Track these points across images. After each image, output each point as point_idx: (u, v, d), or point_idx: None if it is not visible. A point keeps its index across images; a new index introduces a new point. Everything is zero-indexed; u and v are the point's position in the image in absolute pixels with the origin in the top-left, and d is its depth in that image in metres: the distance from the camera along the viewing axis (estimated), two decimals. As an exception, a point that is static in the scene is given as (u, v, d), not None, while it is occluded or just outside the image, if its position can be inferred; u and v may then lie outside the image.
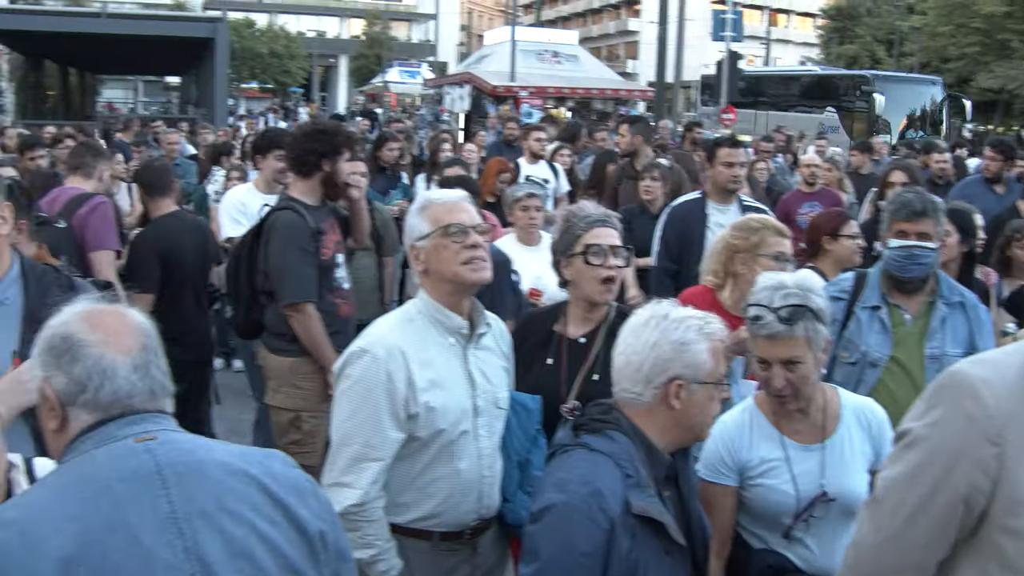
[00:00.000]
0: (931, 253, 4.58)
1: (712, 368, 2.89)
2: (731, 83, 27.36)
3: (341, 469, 3.42)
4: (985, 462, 2.35)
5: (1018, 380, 2.41)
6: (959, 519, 2.40)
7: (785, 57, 77.81)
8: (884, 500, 2.52)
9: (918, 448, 2.46)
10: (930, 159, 11.39)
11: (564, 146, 12.02)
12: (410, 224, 3.62)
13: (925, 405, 2.50)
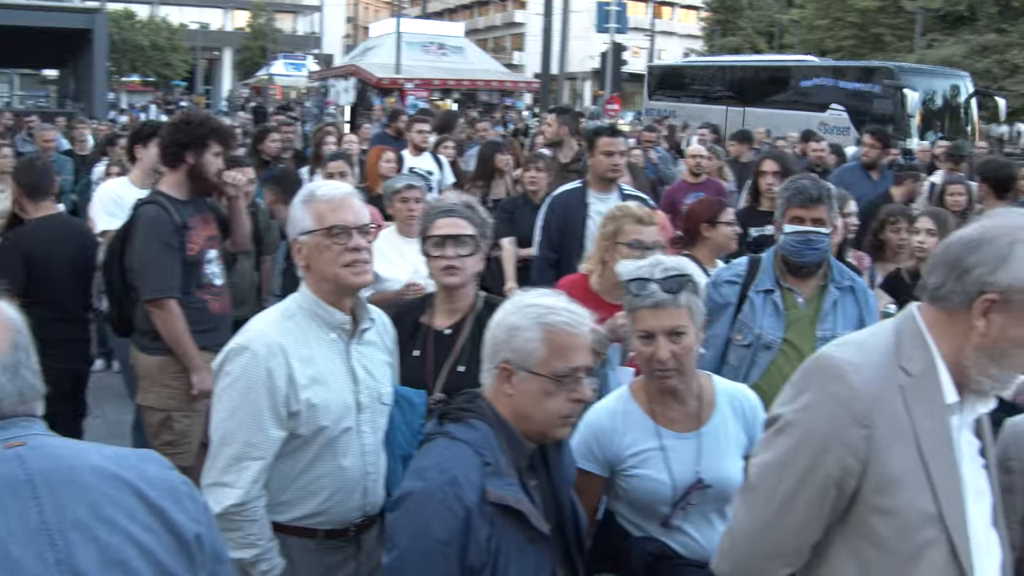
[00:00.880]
0: (825, 238, 4.67)
1: (544, 359, 2.83)
2: (615, 74, 27.58)
3: (221, 468, 3.36)
4: (855, 444, 2.39)
5: (884, 361, 2.46)
6: (832, 501, 2.44)
7: (669, 49, 78.88)
8: (758, 486, 2.54)
9: (789, 433, 2.48)
10: (808, 147, 11.64)
11: (448, 138, 11.98)
12: (294, 216, 3.55)
13: (794, 390, 2.54)
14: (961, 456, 2.47)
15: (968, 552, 2.40)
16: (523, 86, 48.30)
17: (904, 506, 2.38)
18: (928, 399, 2.43)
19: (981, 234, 2.44)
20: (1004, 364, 2.40)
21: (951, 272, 2.45)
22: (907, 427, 2.40)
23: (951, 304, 2.44)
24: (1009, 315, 2.37)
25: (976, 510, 2.49)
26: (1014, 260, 2.36)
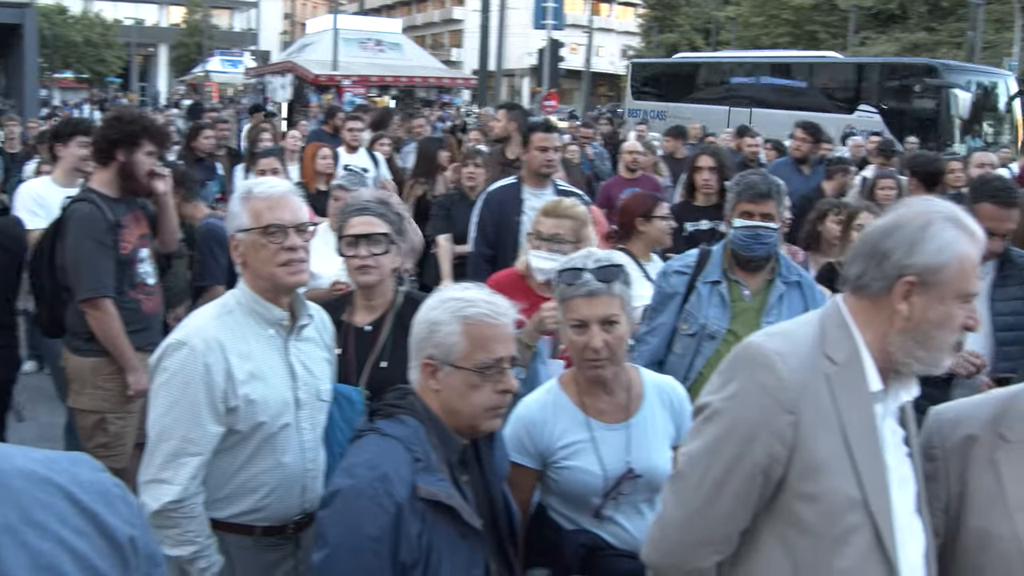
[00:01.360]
0: (773, 233, 4.75)
1: (466, 352, 2.85)
2: (552, 71, 27.62)
3: (159, 465, 3.33)
4: (781, 432, 2.43)
5: (811, 350, 2.50)
6: (759, 488, 2.48)
7: (607, 46, 79.19)
8: (687, 475, 2.57)
9: (717, 421, 2.52)
10: (743, 142, 11.76)
11: (384, 135, 11.95)
12: (232, 212, 3.54)
13: (722, 379, 2.57)
14: (885, 443, 2.52)
15: (892, 537, 2.45)
16: (461, 83, 48.20)
17: (829, 492, 2.42)
18: (853, 387, 2.48)
19: (895, 220, 2.51)
20: (929, 345, 2.46)
21: (870, 260, 2.51)
22: (832, 415, 2.45)
23: (873, 291, 2.50)
24: (929, 296, 2.44)
25: (900, 497, 2.53)
26: (928, 240, 2.43)
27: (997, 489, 2.65)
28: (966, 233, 2.48)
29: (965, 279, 2.45)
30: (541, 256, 4.78)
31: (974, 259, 2.47)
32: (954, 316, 2.46)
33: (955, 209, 2.52)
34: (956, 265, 2.43)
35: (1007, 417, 2.73)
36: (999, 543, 2.62)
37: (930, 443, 2.82)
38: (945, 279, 2.43)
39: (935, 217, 2.47)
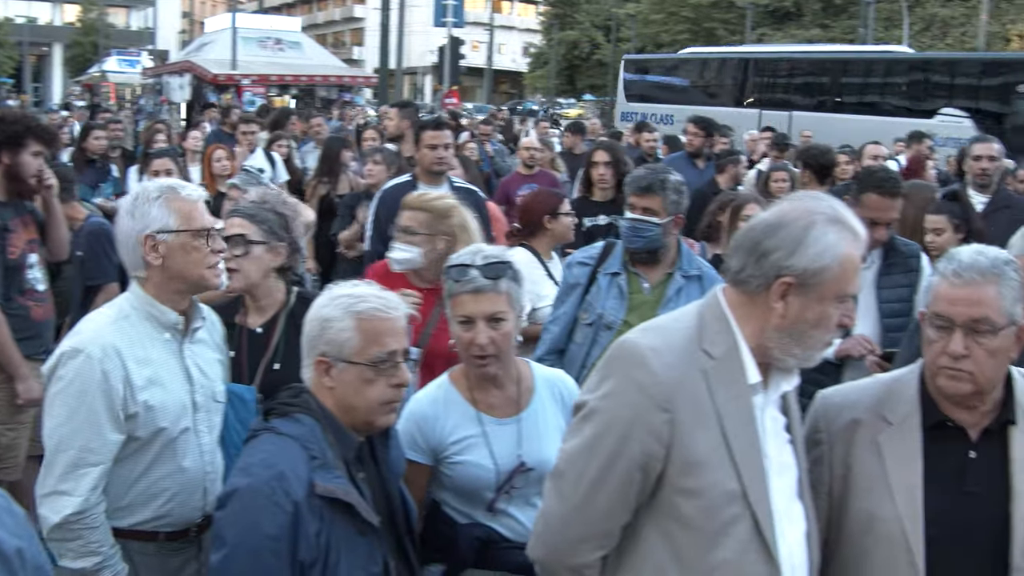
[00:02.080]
0: (653, 227, 4.76)
1: (359, 347, 2.86)
2: (453, 69, 27.63)
3: (59, 476, 3.26)
4: (658, 429, 2.45)
5: (687, 345, 2.53)
6: (638, 485, 2.50)
7: (509, 43, 79.41)
8: (566, 472, 2.59)
9: (594, 420, 2.54)
10: (641, 137, 11.92)
11: (282, 135, 11.86)
12: (146, 212, 3.43)
13: (599, 377, 2.59)
14: (765, 433, 2.56)
15: (771, 526, 2.50)
16: (361, 81, 47.93)
17: (708, 486, 2.46)
18: (731, 381, 2.51)
19: (779, 218, 2.53)
20: (805, 344, 2.51)
21: (750, 256, 2.53)
22: (710, 409, 2.48)
23: (751, 287, 2.53)
24: (806, 297, 2.47)
25: (780, 484, 2.58)
26: (809, 244, 2.46)
27: (880, 471, 2.73)
28: (848, 234, 2.51)
29: (845, 281, 2.49)
30: (396, 247, 4.82)
31: (855, 260, 2.51)
32: (830, 316, 2.50)
33: (839, 208, 2.55)
34: (836, 268, 2.46)
35: (890, 400, 2.82)
36: (881, 524, 2.70)
37: (816, 427, 2.89)
38: (824, 281, 2.46)
39: (818, 218, 2.49)
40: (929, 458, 2.72)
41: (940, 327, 2.68)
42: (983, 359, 2.63)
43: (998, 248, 2.82)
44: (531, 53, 74.04)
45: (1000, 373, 2.70)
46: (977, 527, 2.69)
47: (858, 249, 2.52)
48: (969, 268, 2.67)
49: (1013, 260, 2.74)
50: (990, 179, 7.81)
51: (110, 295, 3.93)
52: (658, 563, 2.52)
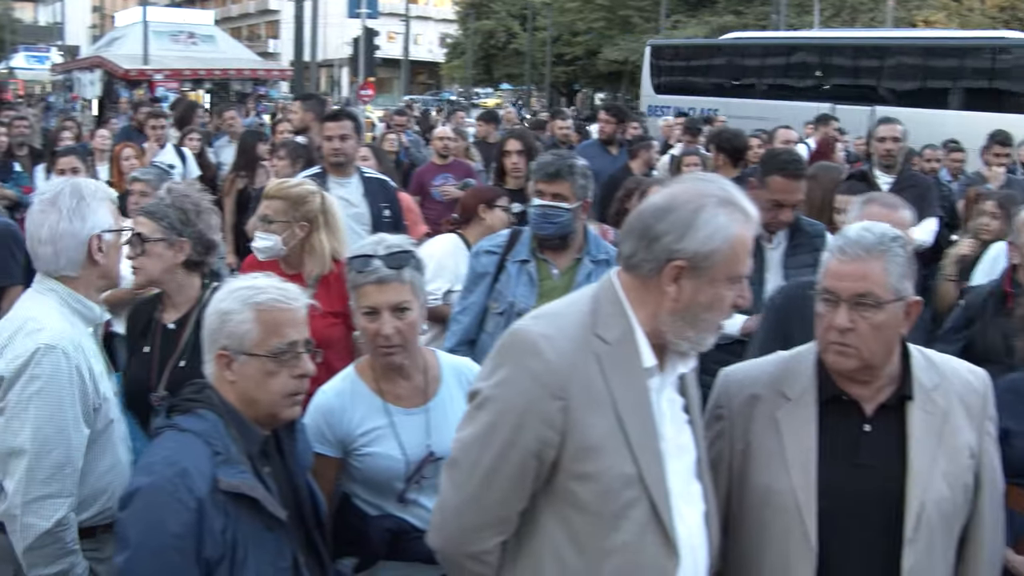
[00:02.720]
0: (563, 213, 4.78)
1: (259, 339, 2.84)
2: (368, 60, 27.48)
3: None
4: (551, 416, 2.46)
5: (580, 331, 2.53)
6: (533, 472, 2.51)
7: (425, 34, 79.16)
8: (460, 461, 2.60)
9: (488, 408, 2.54)
10: (555, 125, 12.00)
11: (193, 130, 11.73)
12: (94, 211, 3.42)
13: (492, 365, 2.60)
14: (662, 416, 2.58)
15: (668, 508, 2.51)
16: (276, 74, 47.48)
17: (604, 471, 2.46)
18: (625, 365, 2.52)
19: (668, 202, 2.53)
20: (699, 326, 2.52)
21: (641, 240, 2.53)
22: (604, 394, 2.48)
23: (643, 271, 2.53)
24: (698, 280, 2.48)
25: (678, 466, 2.60)
26: (699, 227, 2.46)
27: (777, 445, 2.78)
28: (740, 215, 2.52)
29: (736, 262, 2.51)
30: (257, 236, 4.86)
31: (746, 241, 2.53)
32: (723, 298, 2.52)
33: (729, 190, 2.56)
34: (727, 250, 2.47)
35: (788, 376, 2.86)
36: (778, 497, 2.75)
37: (718, 403, 2.94)
38: (715, 263, 2.48)
39: (708, 201, 2.50)
40: (824, 432, 2.77)
41: (828, 301, 2.74)
42: (867, 333, 2.68)
43: (887, 225, 2.86)
44: (448, 43, 73.86)
45: (887, 348, 2.75)
46: (870, 500, 2.74)
47: (749, 230, 2.54)
48: (855, 244, 2.72)
49: (901, 236, 2.78)
50: (895, 159, 8.01)
51: (14, 297, 3.82)
52: (556, 548, 2.53)
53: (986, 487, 2.85)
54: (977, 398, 2.86)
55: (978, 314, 4.85)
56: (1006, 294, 4.76)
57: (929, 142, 11.01)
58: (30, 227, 3.41)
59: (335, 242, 4.94)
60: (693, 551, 2.59)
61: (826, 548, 2.70)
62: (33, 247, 3.41)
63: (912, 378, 2.80)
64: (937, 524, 2.72)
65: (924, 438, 2.75)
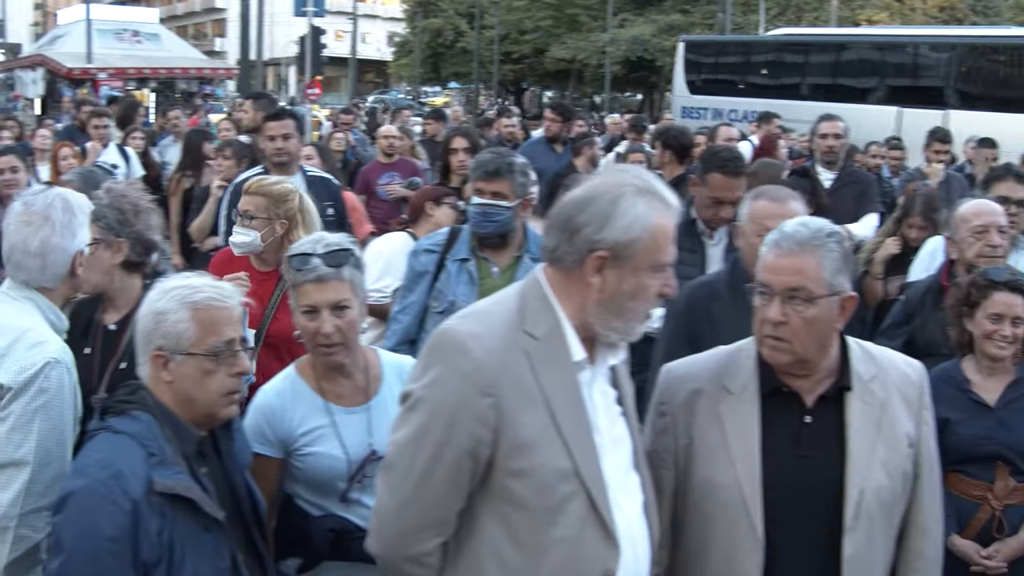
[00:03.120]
0: (504, 211, 4.78)
1: (197, 338, 2.83)
2: (315, 59, 27.34)
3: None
4: (483, 414, 2.46)
5: (508, 328, 2.54)
6: (468, 471, 2.51)
7: (373, 32, 78.88)
8: (395, 464, 2.59)
9: (420, 410, 2.54)
10: (500, 123, 12.01)
11: (136, 129, 11.63)
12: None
13: (422, 366, 2.60)
14: (595, 409, 2.59)
15: (606, 500, 2.53)
16: (223, 73, 47.15)
17: (539, 466, 2.47)
18: (555, 360, 2.53)
19: (588, 193, 2.55)
20: (625, 316, 2.53)
21: (563, 233, 2.55)
22: (535, 390, 2.49)
23: (567, 264, 2.55)
24: (621, 270, 2.50)
25: (615, 458, 2.62)
26: (618, 216, 2.49)
27: (721, 439, 2.80)
28: (659, 204, 2.54)
29: (658, 250, 2.52)
30: (236, 231, 4.84)
31: (667, 230, 2.54)
32: (648, 287, 2.54)
33: (649, 180, 2.58)
34: (647, 238, 2.49)
35: (729, 370, 2.89)
36: (723, 491, 2.77)
37: (661, 399, 2.96)
38: (636, 252, 2.49)
39: (626, 190, 2.52)
40: (767, 425, 2.80)
41: (763, 294, 2.76)
42: (800, 327, 2.71)
43: (824, 220, 2.89)
44: (396, 42, 73.65)
45: (820, 343, 2.77)
46: (812, 490, 2.77)
47: (670, 219, 2.55)
48: (789, 239, 2.75)
49: (837, 231, 2.81)
50: (836, 156, 8.11)
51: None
52: (495, 546, 2.53)
53: (925, 475, 2.89)
54: (914, 389, 2.90)
55: (917, 309, 4.91)
56: (944, 288, 4.82)
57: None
58: (15, 236, 3.35)
59: None
60: (633, 542, 2.60)
61: (771, 539, 2.73)
62: (16, 257, 3.35)
63: (850, 370, 2.83)
64: (876, 512, 2.76)
65: (863, 428, 2.78)
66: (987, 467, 4.10)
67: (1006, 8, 49.59)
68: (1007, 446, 4.07)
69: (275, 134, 6.80)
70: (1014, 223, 5.45)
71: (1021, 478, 4.09)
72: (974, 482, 4.13)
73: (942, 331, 4.65)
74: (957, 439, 4.10)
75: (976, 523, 4.11)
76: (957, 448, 4.11)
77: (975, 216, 4.82)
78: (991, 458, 4.09)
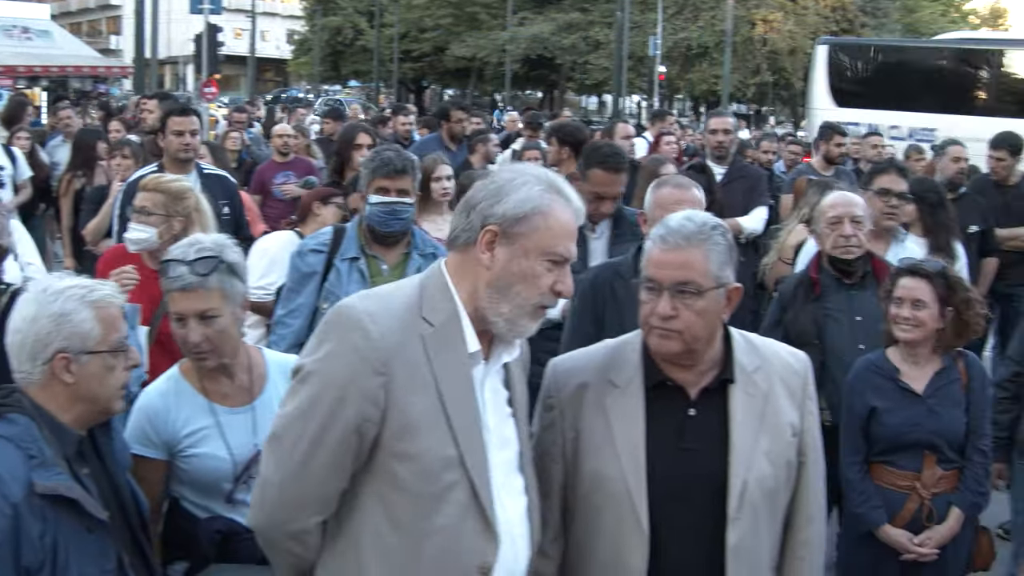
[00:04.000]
0: (409, 208, 4.82)
1: (101, 335, 2.83)
2: (211, 57, 26.98)
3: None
4: (373, 392, 2.47)
5: (404, 312, 2.55)
6: (354, 449, 2.51)
7: (272, 31, 78.05)
8: (282, 436, 2.58)
9: (310, 383, 2.54)
10: (397, 121, 12.03)
11: (22, 128, 11.37)
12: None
13: (316, 340, 2.59)
14: (485, 405, 2.61)
15: (489, 494, 2.54)
16: (117, 71, 46.28)
17: (424, 451, 2.48)
18: (450, 348, 2.55)
19: (491, 179, 2.61)
20: (512, 300, 2.54)
21: (462, 214, 2.60)
22: (427, 375, 2.50)
23: (462, 242, 2.59)
24: (511, 247, 2.53)
25: (500, 458, 2.63)
26: (511, 192, 2.53)
27: (607, 432, 2.81)
28: (559, 197, 2.57)
29: (551, 237, 2.54)
30: (132, 227, 4.79)
31: (563, 220, 2.57)
32: (538, 274, 2.55)
33: (554, 178, 2.62)
34: (539, 220, 2.52)
35: (615, 364, 2.90)
36: (609, 483, 2.78)
37: (548, 393, 2.95)
38: (527, 231, 2.52)
39: (528, 178, 2.57)
40: (651, 418, 2.81)
41: (650, 289, 2.77)
42: (690, 319, 2.72)
43: (707, 214, 2.94)
44: (295, 40, 72.97)
45: (709, 332, 2.80)
46: (696, 482, 2.79)
47: (568, 214, 2.58)
48: (675, 233, 2.76)
49: (721, 225, 2.84)
50: (726, 151, 8.29)
51: None
52: (376, 528, 2.53)
53: (809, 464, 2.92)
54: (798, 379, 2.93)
55: (790, 302, 5.01)
56: (814, 281, 4.96)
57: None
58: None
59: None
60: (513, 539, 2.62)
61: (657, 532, 2.75)
62: None
63: (734, 361, 2.86)
64: (760, 502, 2.78)
65: (745, 419, 2.81)
66: (915, 456, 4.24)
67: (894, 9, 50.89)
68: (935, 433, 4.20)
69: (183, 129, 6.74)
70: (895, 215, 5.65)
71: (947, 466, 4.23)
72: (902, 473, 4.26)
73: (813, 322, 4.82)
74: (885, 428, 4.23)
75: (906, 513, 4.24)
76: (886, 436, 4.25)
77: (830, 208, 4.95)
78: (919, 446, 4.22)
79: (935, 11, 59.44)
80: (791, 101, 50.58)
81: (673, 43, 46.16)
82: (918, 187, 6.42)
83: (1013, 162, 8.75)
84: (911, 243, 5.77)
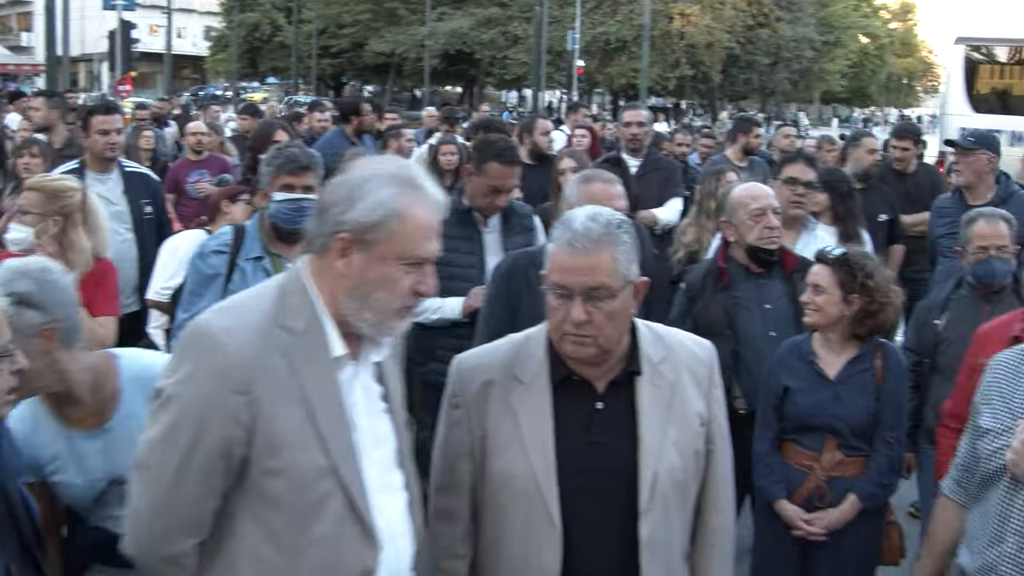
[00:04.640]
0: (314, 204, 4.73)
1: None
2: (125, 54, 26.59)
3: None
4: (236, 413, 2.39)
5: (262, 324, 2.46)
6: (222, 471, 2.44)
7: (189, 27, 77.06)
8: (148, 464, 2.50)
9: (171, 407, 2.46)
10: (312, 117, 11.99)
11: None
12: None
13: (176, 361, 2.51)
14: (356, 406, 2.55)
15: (364, 499, 2.50)
16: (28, 69, 45.42)
17: (295, 465, 2.42)
18: (313, 356, 2.47)
19: (343, 178, 2.51)
20: (373, 307, 2.47)
21: (316, 217, 2.52)
22: (292, 387, 2.43)
23: (317, 248, 2.50)
24: (367, 255, 2.44)
25: (376, 456, 2.58)
26: (363, 196, 2.42)
27: (514, 429, 2.79)
28: (414, 194, 2.48)
29: (408, 240, 2.46)
30: (11, 227, 4.77)
31: (421, 222, 2.47)
32: (396, 279, 2.46)
33: (409, 170, 2.54)
34: (395, 224, 2.43)
35: (520, 360, 2.87)
36: (519, 481, 2.76)
37: (453, 392, 2.91)
38: (381, 238, 2.42)
39: (378, 175, 2.46)
40: (559, 413, 2.79)
41: (560, 295, 2.72)
42: (603, 322, 2.69)
43: (609, 210, 2.87)
44: (212, 36, 72.12)
45: (621, 331, 2.79)
46: (606, 476, 2.78)
47: (425, 212, 2.49)
48: (583, 237, 2.69)
49: (624, 221, 2.81)
50: (640, 144, 8.35)
51: None
52: (253, 546, 2.47)
53: (717, 452, 2.93)
54: (704, 368, 2.93)
55: (699, 293, 5.04)
56: (722, 270, 5.01)
57: None
58: None
59: (96, 241, 4.88)
60: (394, 540, 2.58)
61: (568, 527, 2.74)
62: None
63: (640, 353, 2.84)
64: (671, 492, 2.78)
65: (653, 411, 2.80)
66: (818, 438, 4.31)
67: (808, 4, 51.69)
68: (838, 418, 4.26)
69: (109, 128, 6.71)
70: (802, 203, 5.74)
71: (848, 452, 4.28)
72: (804, 452, 4.33)
73: (724, 312, 4.86)
74: (795, 408, 4.31)
75: (803, 491, 4.30)
76: (794, 416, 4.33)
77: (752, 200, 4.96)
78: (822, 429, 4.29)
79: (848, 5, 60.53)
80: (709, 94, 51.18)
81: (592, 37, 46.51)
82: (827, 177, 6.53)
83: (916, 151, 9.09)
84: (821, 231, 5.85)
